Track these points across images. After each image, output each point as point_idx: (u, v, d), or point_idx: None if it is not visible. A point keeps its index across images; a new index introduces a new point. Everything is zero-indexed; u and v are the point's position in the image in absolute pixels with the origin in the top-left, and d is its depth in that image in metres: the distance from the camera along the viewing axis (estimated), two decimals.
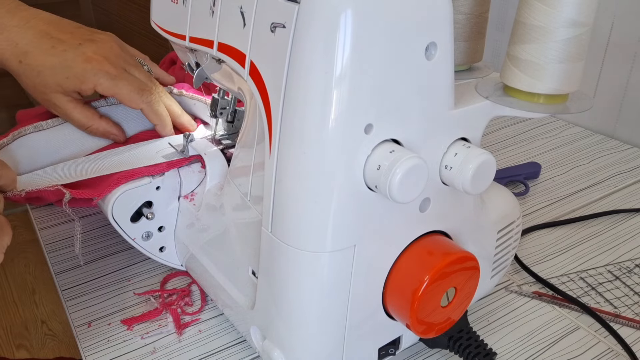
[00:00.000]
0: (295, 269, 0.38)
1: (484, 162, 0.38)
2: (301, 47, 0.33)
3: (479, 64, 0.48)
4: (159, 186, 0.51)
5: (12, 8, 0.52)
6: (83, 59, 0.50)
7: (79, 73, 0.50)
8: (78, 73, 0.50)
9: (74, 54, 0.50)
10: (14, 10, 0.52)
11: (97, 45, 0.51)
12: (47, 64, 0.50)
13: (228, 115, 0.56)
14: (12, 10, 0.52)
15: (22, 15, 0.52)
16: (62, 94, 0.51)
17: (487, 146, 0.83)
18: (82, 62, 0.50)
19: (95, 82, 0.51)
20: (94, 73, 0.50)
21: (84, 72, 0.50)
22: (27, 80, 0.51)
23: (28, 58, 0.51)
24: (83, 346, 0.50)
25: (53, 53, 0.50)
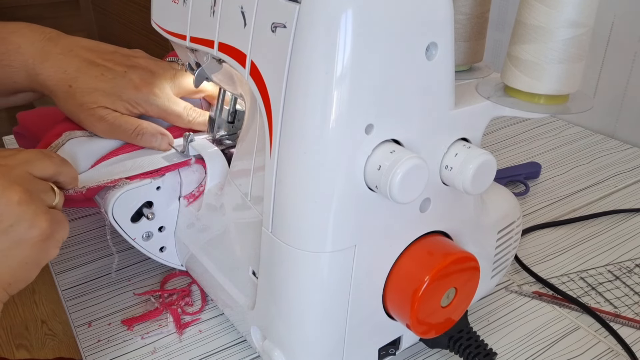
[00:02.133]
0: (295, 269, 0.38)
1: (484, 163, 0.38)
2: (302, 47, 0.33)
3: (479, 64, 0.48)
4: (159, 186, 0.51)
5: (53, 37, 0.55)
6: (132, 87, 0.54)
7: (130, 99, 0.54)
8: (130, 99, 0.54)
9: (122, 81, 0.54)
10: (55, 38, 0.55)
11: (140, 71, 0.55)
12: (99, 88, 0.53)
13: (228, 115, 0.56)
14: (53, 38, 0.55)
15: (64, 44, 0.55)
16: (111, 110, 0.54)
17: (487, 146, 0.83)
18: (132, 89, 0.54)
19: (147, 108, 0.55)
20: (145, 100, 0.54)
21: (135, 98, 0.54)
22: (74, 101, 0.54)
23: (79, 82, 0.54)
24: (83, 346, 0.50)
25: (103, 80, 0.54)
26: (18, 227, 0.38)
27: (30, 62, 0.54)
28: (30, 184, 0.40)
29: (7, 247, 0.38)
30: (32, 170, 0.41)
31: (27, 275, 0.40)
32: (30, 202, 0.38)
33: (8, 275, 0.38)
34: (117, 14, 2.20)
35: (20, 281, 0.39)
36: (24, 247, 0.38)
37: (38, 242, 0.39)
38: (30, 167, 0.41)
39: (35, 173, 0.41)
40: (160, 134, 0.55)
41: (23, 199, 0.38)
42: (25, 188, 0.39)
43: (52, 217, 0.40)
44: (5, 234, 0.37)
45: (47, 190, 0.42)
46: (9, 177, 0.39)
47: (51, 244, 0.40)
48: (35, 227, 0.38)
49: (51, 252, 0.40)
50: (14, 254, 0.38)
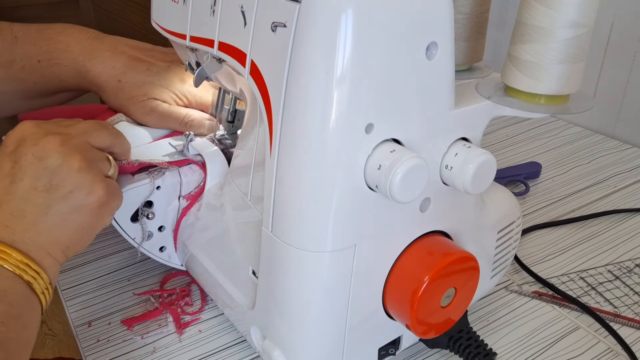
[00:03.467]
0: (295, 269, 0.38)
1: (485, 162, 0.38)
2: (302, 46, 0.33)
3: (479, 63, 0.48)
4: (159, 186, 0.51)
5: (97, 35, 0.58)
6: (179, 79, 0.57)
7: (177, 90, 0.56)
8: (177, 90, 0.56)
9: (168, 74, 0.57)
10: (100, 37, 0.58)
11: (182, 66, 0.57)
12: (147, 81, 0.56)
13: (228, 115, 0.56)
14: (98, 37, 0.58)
15: (109, 42, 0.58)
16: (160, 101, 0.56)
17: (487, 146, 0.83)
18: (179, 81, 0.57)
19: (190, 100, 0.57)
20: (189, 92, 0.57)
21: (182, 90, 0.57)
22: (124, 95, 0.56)
23: (127, 77, 0.56)
24: (83, 346, 0.50)
25: (149, 74, 0.56)
26: (77, 193, 0.40)
27: (80, 60, 0.56)
28: (89, 153, 0.42)
29: (67, 212, 0.40)
30: (91, 140, 0.44)
31: (83, 240, 0.42)
32: (89, 170, 0.41)
33: (66, 238, 0.40)
34: (117, 13, 2.20)
35: (77, 245, 0.42)
36: (82, 212, 0.40)
37: (95, 208, 0.41)
38: (89, 137, 0.43)
39: (93, 143, 0.44)
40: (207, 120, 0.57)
41: (82, 166, 0.40)
42: (85, 156, 0.41)
43: (107, 185, 0.42)
44: (65, 200, 0.40)
45: (103, 159, 0.44)
46: (70, 145, 0.41)
47: (106, 211, 0.42)
48: (92, 193, 0.40)
49: (105, 219, 0.43)
50: (72, 219, 0.40)
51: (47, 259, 0.39)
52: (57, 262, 0.40)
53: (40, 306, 0.40)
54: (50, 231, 0.39)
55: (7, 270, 0.37)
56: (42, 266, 0.39)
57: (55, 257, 0.40)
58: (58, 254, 0.40)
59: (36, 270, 0.39)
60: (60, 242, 0.40)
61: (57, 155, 0.40)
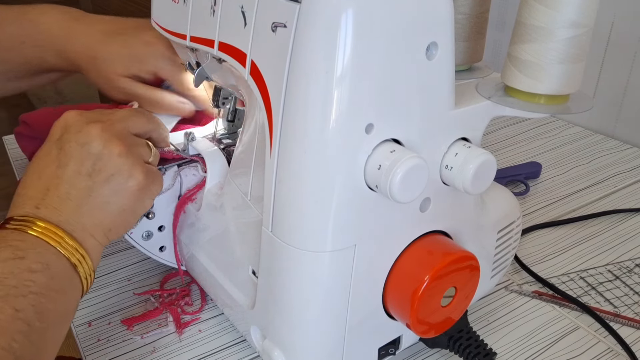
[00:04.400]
0: (295, 269, 0.38)
1: (485, 162, 0.38)
2: (302, 46, 0.33)
3: (479, 64, 0.48)
4: None
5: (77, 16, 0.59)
6: (142, 43, 0.56)
7: (139, 55, 0.55)
8: (139, 55, 0.55)
9: (133, 39, 0.56)
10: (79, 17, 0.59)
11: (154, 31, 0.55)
12: (114, 52, 0.56)
13: (228, 115, 0.56)
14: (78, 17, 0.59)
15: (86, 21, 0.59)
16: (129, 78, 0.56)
17: (487, 146, 0.83)
18: (142, 45, 0.56)
19: (155, 65, 0.56)
20: (153, 55, 0.56)
21: (144, 54, 0.55)
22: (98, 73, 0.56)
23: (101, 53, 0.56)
24: (83, 345, 0.50)
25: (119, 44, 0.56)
26: (118, 176, 0.41)
27: (59, 41, 0.57)
28: (129, 139, 0.44)
29: (108, 195, 0.41)
30: (129, 126, 0.45)
31: (125, 223, 0.43)
32: (129, 155, 0.42)
33: (109, 221, 0.42)
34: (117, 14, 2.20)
35: (119, 227, 0.43)
36: (123, 195, 0.42)
37: (135, 192, 0.42)
38: (128, 123, 0.45)
39: (131, 129, 0.45)
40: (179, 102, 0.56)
41: (123, 151, 0.42)
42: (125, 142, 0.42)
43: (147, 170, 0.43)
44: (107, 183, 0.41)
45: (143, 145, 0.46)
46: (110, 131, 0.42)
47: (146, 194, 0.43)
48: (132, 177, 0.42)
49: (146, 202, 0.44)
50: (114, 202, 0.42)
51: (89, 240, 0.41)
52: (99, 244, 0.42)
53: (81, 289, 0.41)
54: (93, 213, 0.41)
55: (54, 248, 0.39)
56: (85, 247, 0.40)
57: (97, 239, 0.41)
58: (100, 235, 0.42)
59: (82, 255, 0.40)
60: (103, 224, 0.41)
61: (98, 141, 0.41)
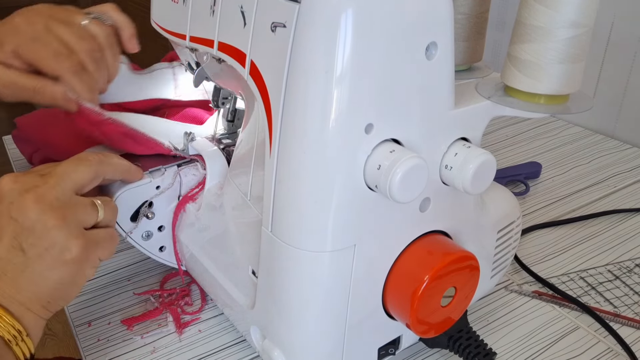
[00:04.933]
0: (295, 269, 0.38)
1: (484, 162, 0.38)
2: (302, 46, 0.33)
3: (478, 63, 0.48)
4: (158, 186, 0.51)
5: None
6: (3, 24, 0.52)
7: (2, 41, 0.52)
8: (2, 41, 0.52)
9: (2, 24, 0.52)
10: None
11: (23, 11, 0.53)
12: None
13: (228, 114, 0.56)
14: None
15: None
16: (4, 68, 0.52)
17: (487, 146, 0.83)
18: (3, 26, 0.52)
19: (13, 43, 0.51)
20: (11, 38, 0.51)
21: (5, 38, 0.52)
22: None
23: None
24: (83, 346, 0.50)
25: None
26: (52, 250, 0.39)
27: None
28: (67, 205, 0.40)
29: (43, 269, 0.39)
30: (69, 186, 0.41)
31: (65, 294, 0.41)
32: (63, 227, 0.39)
33: (46, 294, 0.40)
34: None
35: (59, 299, 0.41)
36: (59, 269, 0.40)
37: (71, 265, 0.40)
38: (67, 183, 0.41)
39: (73, 189, 0.42)
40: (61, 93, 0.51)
41: (57, 224, 0.39)
42: (61, 212, 0.40)
43: (86, 240, 0.41)
44: (40, 257, 0.39)
45: (85, 207, 0.42)
46: (45, 202, 0.40)
47: (86, 265, 0.41)
48: (67, 250, 0.40)
49: (87, 272, 0.42)
50: (49, 276, 0.40)
51: (27, 314, 0.40)
52: (39, 317, 0.41)
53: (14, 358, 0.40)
54: (29, 288, 0.39)
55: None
56: (23, 323, 0.39)
57: (36, 312, 0.40)
58: (38, 309, 0.40)
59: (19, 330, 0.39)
60: (40, 298, 0.40)
61: (31, 214, 0.39)
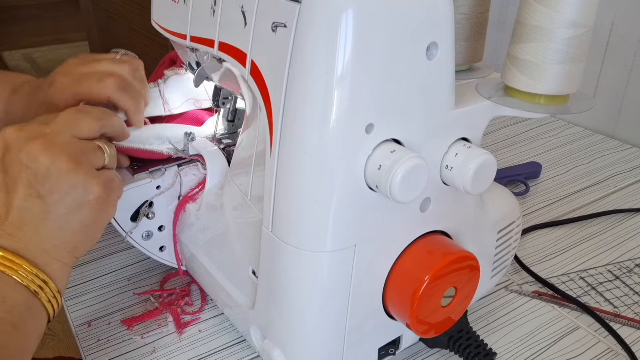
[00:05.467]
0: (295, 269, 0.38)
1: (485, 162, 0.38)
2: (302, 46, 0.33)
3: (479, 63, 0.48)
4: (158, 185, 0.51)
5: None
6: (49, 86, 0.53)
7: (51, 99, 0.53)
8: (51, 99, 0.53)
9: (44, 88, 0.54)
10: None
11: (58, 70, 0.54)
12: None
13: (228, 114, 0.56)
14: None
15: None
16: None
17: (487, 146, 0.83)
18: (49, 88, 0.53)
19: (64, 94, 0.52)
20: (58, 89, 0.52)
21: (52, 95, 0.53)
22: None
23: None
24: (83, 346, 0.50)
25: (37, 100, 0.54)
26: (73, 193, 0.39)
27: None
28: (76, 149, 0.40)
29: (66, 214, 0.39)
30: (75, 133, 0.41)
31: (90, 237, 0.41)
32: (79, 169, 0.39)
33: (72, 239, 0.40)
34: (117, 14, 2.20)
35: (84, 242, 0.41)
36: (82, 211, 0.40)
37: (95, 205, 0.40)
38: (73, 130, 0.41)
39: (79, 135, 0.42)
40: None
41: (70, 167, 0.39)
42: (72, 155, 0.39)
43: (103, 179, 0.41)
44: (62, 202, 0.39)
45: (94, 151, 0.42)
46: (54, 146, 0.39)
47: (107, 204, 0.41)
48: (89, 191, 0.39)
49: (109, 211, 0.42)
50: (73, 219, 0.39)
51: (53, 263, 0.39)
52: (66, 265, 0.40)
53: (45, 314, 0.39)
54: (53, 235, 0.39)
55: (10, 277, 0.37)
56: (48, 272, 0.39)
57: (62, 260, 0.40)
58: (65, 256, 0.40)
59: (44, 280, 0.38)
60: (66, 244, 0.39)
61: (43, 160, 0.38)
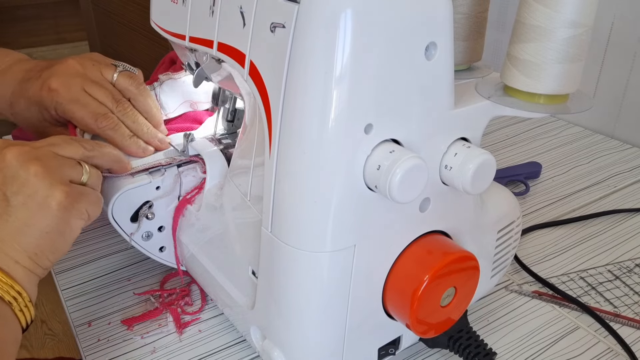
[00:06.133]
0: (295, 269, 0.38)
1: (484, 162, 0.38)
2: (301, 47, 0.33)
3: (478, 63, 0.48)
4: (158, 186, 0.51)
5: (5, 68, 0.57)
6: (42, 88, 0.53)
7: (42, 102, 0.53)
8: (42, 102, 0.53)
9: (37, 85, 0.53)
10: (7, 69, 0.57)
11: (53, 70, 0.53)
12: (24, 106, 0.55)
13: (228, 114, 0.56)
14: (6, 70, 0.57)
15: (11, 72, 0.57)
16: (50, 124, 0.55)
17: (487, 146, 0.83)
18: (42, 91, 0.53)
19: (55, 107, 0.53)
20: (51, 100, 0.52)
21: (44, 100, 0.53)
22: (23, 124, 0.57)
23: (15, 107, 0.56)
24: (83, 346, 0.50)
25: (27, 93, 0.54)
26: (35, 197, 0.40)
27: None
28: (51, 160, 0.42)
29: (27, 217, 0.40)
30: (57, 150, 0.43)
31: (51, 245, 0.41)
32: (47, 175, 0.40)
33: (33, 245, 0.40)
34: (117, 14, 2.20)
35: (46, 250, 0.41)
36: (43, 216, 0.40)
37: (55, 212, 0.40)
38: (55, 148, 0.43)
39: (59, 153, 0.43)
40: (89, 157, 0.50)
41: (39, 172, 0.40)
42: (44, 163, 0.41)
43: (70, 189, 0.41)
44: (24, 205, 0.40)
45: (71, 165, 0.43)
46: (29, 154, 0.41)
47: (71, 214, 0.41)
48: (50, 197, 0.40)
49: (73, 222, 0.42)
50: (34, 223, 0.40)
51: (18, 268, 0.40)
52: (30, 273, 0.40)
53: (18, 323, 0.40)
54: (14, 238, 0.39)
55: None
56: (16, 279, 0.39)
57: (24, 265, 0.40)
58: (26, 260, 0.40)
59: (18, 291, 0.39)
60: (26, 248, 0.40)
61: (15, 164, 0.40)
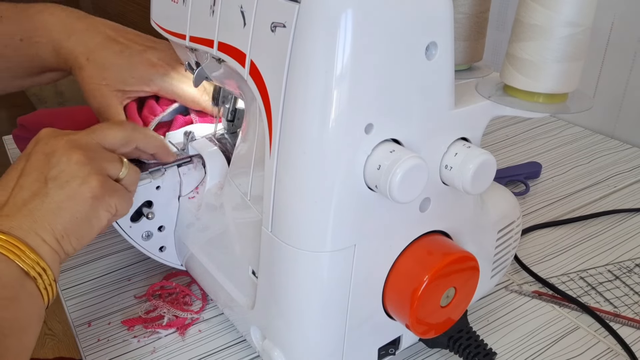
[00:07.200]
0: (295, 269, 0.38)
1: (484, 162, 0.38)
2: (301, 46, 0.33)
3: (478, 63, 0.48)
4: (159, 186, 0.51)
5: (80, 15, 0.59)
6: (148, 64, 0.56)
7: (144, 76, 0.56)
8: (144, 76, 0.56)
9: (139, 58, 0.56)
10: (82, 17, 0.59)
11: (159, 52, 0.57)
12: (115, 63, 0.56)
13: (228, 114, 0.56)
14: (80, 17, 0.59)
15: (89, 21, 0.59)
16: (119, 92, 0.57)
17: (487, 146, 0.83)
18: (147, 66, 0.56)
19: (160, 86, 0.56)
20: (159, 77, 0.56)
21: (150, 75, 0.56)
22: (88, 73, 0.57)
23: (96, 55, 0.57)
24: (83, 346, 0.50)
25: (121, 56, 0.56)
26: (72, 182, 0.42)
27: (57, 38, 0.57)
28: (94, 151, 0.44)
29: (61, 200, 0.41)
30: (100, 140, 0.45)
31: (78, 231, 0.42)
32: (87, 163, 0.42)
33: (61, 226, 0.41)
34: (117, 14, 2.20)
35: (72, 234, 0.42)
36: (75, 201, 0.42)
37: (88, 199, 0.42)
38: (98, 136, 0.45)
39: (103, 143, 0.45)
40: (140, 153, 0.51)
41: (80, 160, 0.42)
42: (86, 153, 0.43)
43: (105, 181, 0.43)
44: (61, 188, 0.41)
45: (113, 161, 0.45)
46: (75, 143, 0.43)
47: (101, 205, 0.43)
48: (86, 184, 0.42)
49: (101, 214, 0.43)
50: (66, 207, 0.41)
51: (44, 246, 0.41)
52: (52, 251, 0.41)
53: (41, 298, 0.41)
54: (45, 218, 0.41)
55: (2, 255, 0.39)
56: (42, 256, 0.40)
57: (50, 244, 0.41)
58: (52, 241, 0.41)
59: (43, 268, 0.40)
60: (54, 229, 0.41)
61: (61, 151, 0.42)
